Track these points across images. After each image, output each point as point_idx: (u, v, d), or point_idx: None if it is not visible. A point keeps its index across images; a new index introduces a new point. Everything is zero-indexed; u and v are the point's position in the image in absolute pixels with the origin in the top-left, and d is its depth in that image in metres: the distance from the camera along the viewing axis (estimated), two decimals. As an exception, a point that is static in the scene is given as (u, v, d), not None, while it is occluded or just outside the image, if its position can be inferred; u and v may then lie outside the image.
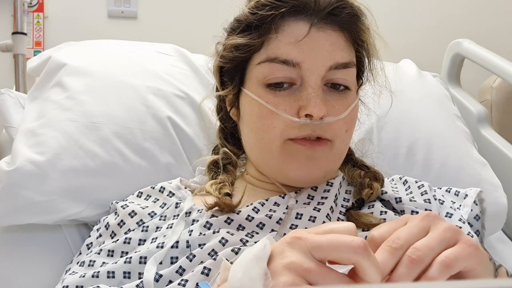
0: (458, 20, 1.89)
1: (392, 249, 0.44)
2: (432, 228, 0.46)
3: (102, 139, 0.90)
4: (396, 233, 0.45)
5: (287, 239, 0.46)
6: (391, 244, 0.44)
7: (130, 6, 1.79)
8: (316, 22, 0.71)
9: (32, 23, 1.75)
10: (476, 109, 1.23)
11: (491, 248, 1.00)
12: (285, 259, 0.44)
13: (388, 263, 0.43)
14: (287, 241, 0.45)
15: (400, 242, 0.44)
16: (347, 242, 0.42)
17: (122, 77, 0.99)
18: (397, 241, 0.44)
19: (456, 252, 0.44)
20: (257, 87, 0.73)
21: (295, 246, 0.44)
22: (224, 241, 0.66)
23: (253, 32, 0.73)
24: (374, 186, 0.76)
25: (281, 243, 0.46)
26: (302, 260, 0.43)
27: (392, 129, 1.06)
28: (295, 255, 0.44)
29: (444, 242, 0.45)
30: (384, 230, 0.47)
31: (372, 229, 0.48)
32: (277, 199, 0.74)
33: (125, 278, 0.67)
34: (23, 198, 0.82)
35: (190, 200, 0.77)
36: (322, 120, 0.69)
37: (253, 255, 0.46)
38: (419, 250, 0.43)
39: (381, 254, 0.44)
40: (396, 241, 0.44)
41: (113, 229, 0.76)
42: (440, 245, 0.45)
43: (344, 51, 0.73)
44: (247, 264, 0.46)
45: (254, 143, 0.76)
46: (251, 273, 0.45)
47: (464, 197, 0.80)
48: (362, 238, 0.42)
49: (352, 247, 0.42)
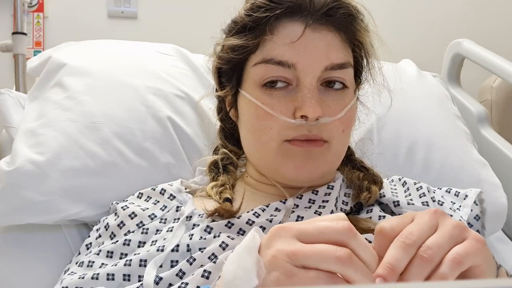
0: (458, 20, 1.89)
1: (406, 245, 0.44)
2: (440, 225, 0.47)
3: (102, 139, 0.90)
4: (408, 228, 0.46)
5: (272, 231, 0.47)
6: (405, 240, 0.44)
7: (130, 6, 1.79)
8: (311, 23, 0.71)
9: (32, 23, 1.75)
10: (476, 109, 1.23)
11: (491, 248, 1.00)
12: (271, 249, 0.45)
13: (402, 260, 0.43)
14: (273, 233, 0.47)
15: (413, 238, 0.44)
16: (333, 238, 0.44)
17: (122, 77, 0.99)
18: (411, 237, 0.44)
19: (466, 248, 0.45)
20: (254, 88, 0.73)
21: (281, 235, 0.46)
22: (225, 245, 0.66)
23: (249, 33, 0.73)
24: (373, 189, 0.76)
25: (267, 236, 0.47)
26: (287, 245, 0.44)
27: (392, 129, 1.06)
28: (281, 243, 0.45)
29: (453, 239, 0.45)
30: (394, 222, 0.47)
31: (382, 221, 0.48)
32: (278, 205, 0.74)
33: (125, 281, 0.67)
34: (23, 198, 0.82)
35: (191, 204, 0.77)
36: (317, 120, 0.69)
37: (244, 247, 0.47)
38: (430, 249, 0.44)
39: (394, 251, 0.44)
40: (409, 237, 0.44)
41: (112, 230, 0.76)
42: (449, 242, 0.45)
43: (340, 51, 0.72)
44: (239, 256, 0.46)
45: (252, 144, 0.76)
46: (244, 263, 0.45)
47: (464, 197, 0.80)
48: (345, 249, 0.43)
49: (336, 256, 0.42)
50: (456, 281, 0.44)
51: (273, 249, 0.45)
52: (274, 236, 0.46)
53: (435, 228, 0.46)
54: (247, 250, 0.46)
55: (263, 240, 0.48)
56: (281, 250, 0.44)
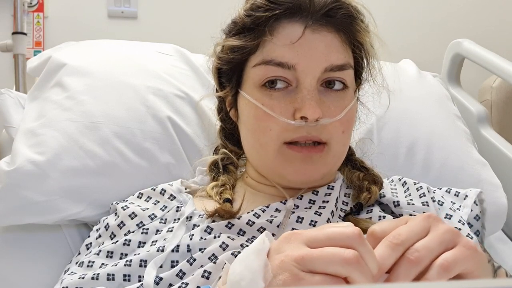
0: (458, 20, 1.89)
1: (393, 245, 0.44)
2: (432, 229, 0.46)
3: (102, 139, 0.90)
4: (397, 230, 0.46)
5: (283, 237, 0.47)
6: (392, 239, 0.44)
7: (130, 6, 1.79)
8: (311, 24, 0.71)
9: (32, 23, 1.75)
10: (476, 109, 1.23)
11: (491, 248, 1.00)
12: (280, 254, 0.45)
13: (389, 258, 0.44)
14: (283, 238, 0.47)
15: (401, 238, 0.44)
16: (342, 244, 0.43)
17: (122, 77, 0.99)
18: (398, 237, 0.45)
19: (455, 255, 0.44)
20: (253, 89, 0.73)
21: (291, 240, 0.46)
22: (225, 245, 0.66)
23: (249, 34, 0.73)
24: (373, 190, 0.76)
25: (278, 241, 0.47)
26: (295, 250, 0.44)
27: (392, 129, 1.06)
28: (290, 248, 0.45)
29: (443, 244, 0.45)
30: (386, 225, 0.47)
31: (374, 225, 0.48)
32: (278, 205, 0.74)
33: (125, 281, 0.67)
34: (23, 198, 0.82)
35: (191, 204, 0.77)
36: (317, 122, 0.69)
37: (253, 249, 0.47)
38: (418, 251, 0.44)
39: (381, 249, 0.44)
40: (397, 237, 0.45)
41: (112, 230, 0.76)
42: (439, 247, 0.45)
43: (339, 52, 0.72)
44: (247, 258, 0.47)
45: (252, 145, 0.76)
46: (252, 265, 0.45)
47: (464, 197, 0.80)
48: (353, 251, 0.43)
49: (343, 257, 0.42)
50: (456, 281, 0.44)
51: (282, 254, 0.45)
52: (284, 242, 0.46)
53: (426, 231, 0.46)
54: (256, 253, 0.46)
55: (273, 245, 0.48)
56: (289, 255, 0.44)
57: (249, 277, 0.45)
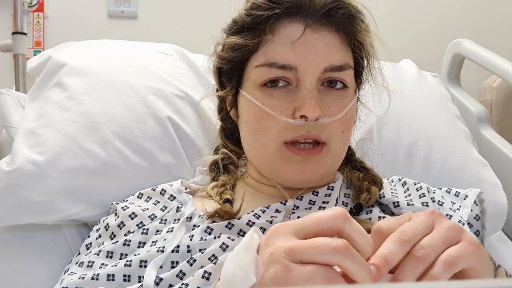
0: (458, 20, 1.89)
1: (402, 241, 0.44)
2: (435, 226, 0.47)
3: (102, 139, 0.90)
4: (403, 226, 0.46)
5: (271, 230, 0.47)
6: (400, 235, 0.44)
7: (130, 6, 1.79)
8: (311, 23, 0.72)
9: (32, 23, 1.75)
10: (476, 109, 1.23)
11: (491, 248, 1.01)
12: (269, 247, 0.45)
13: (397, 253, 0.43)
14: (271, 231, 0.47)
15: (408, 235, 0.44)
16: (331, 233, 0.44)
17: (122, 77, 0.99)
18: (406, 233, 0.44)
19: (459, 250, 0.44)
20: (254, 89, 0.73)
21: (279, 232, 0.46)
22: (225, 246, 0.66)
23: (249, 33, 0.73)
24: (372, 190, 0.76)
25: (266, 235, 0.48)
26: (284, 242, 0.44)
27: (392, 129, 1.06)
28: (279, 240, 0.45)
29: (447, 241, 0.45)
30: (391, 222, 0.47)
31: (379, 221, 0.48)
32: (278, 206, 0.74)
33: (125, 281, 0.67)
34: (23, 198, 0.82)
35: (192, 205, 0.77)
36: (317, 121, 0.69)
37: (242, 245, 0.47)
38: (423, 248, 0.44)
39: (390, 244, 0.44)
40: (404, 233, 0.44)
41: (112, 230, 0.76)
42: (443, 243, 0.45)
43: (339, 53, 0.73)
44: (238, 255, 0.47)
45: (251, 144, 0.76)
46: (242, 261, 0.46)
47: (464, 198, 0.80)
48: (342, 239, 0.43)
49: (333, 246, 0.42)
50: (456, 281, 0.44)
51: (272, 247, 0.45)
52: (272, 235, 0.47)
53: (430, 228, 0.46)
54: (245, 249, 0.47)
55: (262, 240, 0.48)
56: (278, 247, 0.44)
57: (241, 274, 0.45)
